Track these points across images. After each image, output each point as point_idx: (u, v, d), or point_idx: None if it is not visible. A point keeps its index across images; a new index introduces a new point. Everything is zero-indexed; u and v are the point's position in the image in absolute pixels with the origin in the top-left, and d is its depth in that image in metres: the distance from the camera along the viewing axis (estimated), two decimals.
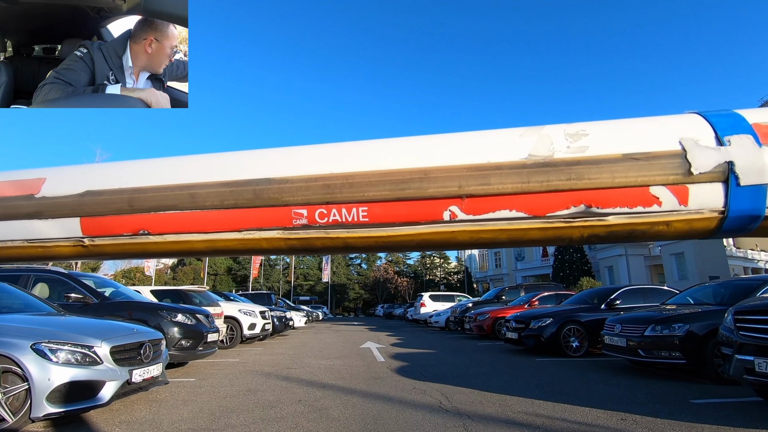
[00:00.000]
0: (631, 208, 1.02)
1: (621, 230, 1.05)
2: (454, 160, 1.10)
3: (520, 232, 1.06)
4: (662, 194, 1.05)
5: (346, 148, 1.15)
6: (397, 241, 1.09)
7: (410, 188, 1.11)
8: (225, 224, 1.21)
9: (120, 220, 1.26)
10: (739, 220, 1.05)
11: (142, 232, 1.19)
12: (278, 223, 1.18)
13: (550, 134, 1.10)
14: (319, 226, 1.14)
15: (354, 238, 1.13)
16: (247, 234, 1.16)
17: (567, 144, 1.06)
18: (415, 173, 1.11)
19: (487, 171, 1.07)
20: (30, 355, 3.41)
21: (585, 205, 1.05)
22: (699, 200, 1.00)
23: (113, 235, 1.23)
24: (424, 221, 1.11)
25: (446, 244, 1.09)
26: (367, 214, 1.12)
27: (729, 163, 0.98)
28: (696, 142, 1.04)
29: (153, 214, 1.25)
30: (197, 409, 4.39)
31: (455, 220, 1.08)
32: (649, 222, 1.04)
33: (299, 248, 1.15)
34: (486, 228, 1.06)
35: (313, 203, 1.14)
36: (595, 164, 1.02)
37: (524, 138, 1.06)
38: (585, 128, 1.06)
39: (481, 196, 1.08)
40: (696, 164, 0.98)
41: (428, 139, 1.19)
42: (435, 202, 1.09)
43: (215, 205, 1.22)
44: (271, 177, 1.17)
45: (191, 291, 10.53)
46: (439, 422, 3.83)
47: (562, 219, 1.05)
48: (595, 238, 1.05)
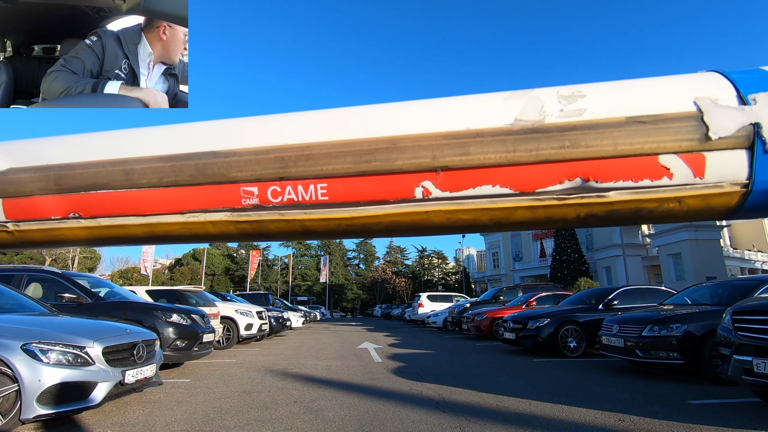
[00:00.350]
0: (636, 182, 0.87)
1: (624, 209, 0.89)
2: (427, 127, 0.95)
3: (505, 211, 0.91)
4: (674, 164, 0.88)
5: (302, 117, 1.01)
6: (362, 223, 0.96)
7: (376, 160, 0.96)
8: (165, 205, 1.07)
9: (47, 201, 1.12)
10: (765, 195, 0.88)
11: (73, 215, 1.06)
12: (226, 203, 1.04)
13: (540, 96, 0.94)
14: (273, 206, 1.00)
15: (312, 221, 0.99)
16: (191, 216, 1.02)
17: (560, 107, 0.91)
18: (381, 143, 0.96)
19: (466, 139, 0.91)
20: (20, 355, 3.36)
21: (581, 178, 0.90)
22: (718, 171, 0.85)
23: (40, 219, 1.09)
24: (392, 200, 0.96)
25: (419, 226, 0.95)
26: (326, 191, 0.98)
27: (755, 126, 0.83)
28: (714, 102, 0.87)
29: (84, 194, 1.11)
30: (191, 410, 4.34)
31: (429, 198, 0.94)
32: (658, 198, 0.87)
33: (250, 233, 1.03)
34: (465, 207, 0.91)
35: (265, 179, 1.00)
36: (593, 129, 0.87)
37: (510, 101, 0.92)
38: (582, 90, 0.92)
39: (459, 168, 0.92)
40: (715, 127, 0.83)
41: (398, 105, 1.04)
42: (405, 177, 0.94)
43: (153, 183, 1.07)
44: (216, 150, 1.02)
45: (187, 291, 10.47)
46: (435, 423, 3.79)
47: (555, 195, 0.90)
48: (594, 218, 0.91)
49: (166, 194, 1.07)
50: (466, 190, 0.95)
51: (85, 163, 1.21)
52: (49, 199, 1.13)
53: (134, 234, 1.11)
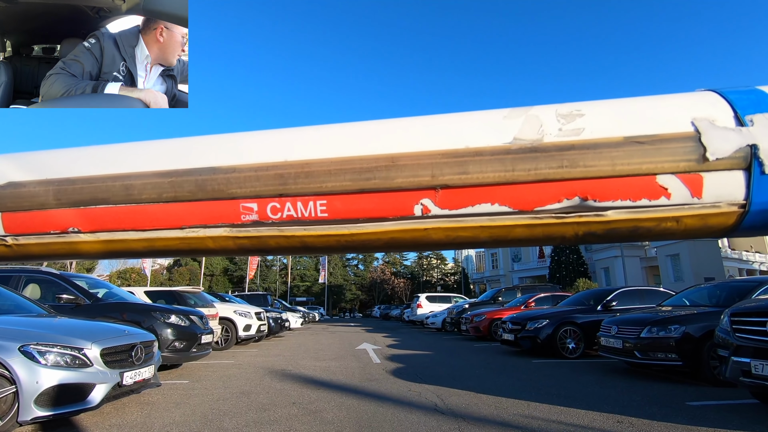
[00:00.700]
0: (634, 201, 0.89)
1: (622, 227, 0.91)
2: (426, 145, 0.96)
3: (504, 229, 0.92)
4: (671, 184, 0.90)
5: (301, 134, 1.03)
6: (362, 240, 0.97)
7: (375, 178, 0.98)
8: (165, 221, 1.08)
9: (46, 216, 1.12)
10: (762, 215, 0.90)
11: (72, 230, 1.06)
12: (225, 219, 1.05)
13: (539, 115, 0.96)
14: (272, 222, 1.01)
15: (312, 237, 1.01)
16: (190, 232, 1.04)
17: (559, 126, 0.92)
18: (381, 160, 0.98)
19: (465, 158, 0.93)
20: (18, 357, 3.35)
21: (580, 197, 0.91)
22: (715, 192, 0.87)
23: (39, 233, 1.10)
24: (392, 217, 0.98)
25: (418, 243, 0.96)
26: (326, 208, 1.00)
27: (752, 147, 0.85)
28: (712, 123, 0.89)
29: (83, 209, 1.11)
30: (189, 411, 4.34)
31: (428, 215, 0.95)
32: (656, 218, 0.90)
33: (250, 248, 1.03)
34: (464, 225, 0.93)
35: (265, 196, 1.01)
36: (592, 149, 0.89)
37: (509, 120, 0.94)
38: (580, 108, 0.93)
39: (458, 187, 0.94)
40: (712, 148, 0.85)
41: (397, 122, 1.06)
42: (404, 195, 0.96)
43: (153, 199, 1.08)
44: (216, 166, 1.04)
45: (186, 292, 10.44)
46: (434, 424, 3.79)
47: (553, 214, 0.92)
48: (592, 236, 0.93)
49: (166, 209, 1.07)
50: (465, 208, 0.96)
51: (84, 178, 1.21)
52: (48, 213, 1.12)
53: (134, 248, 1.11)
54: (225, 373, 6.85)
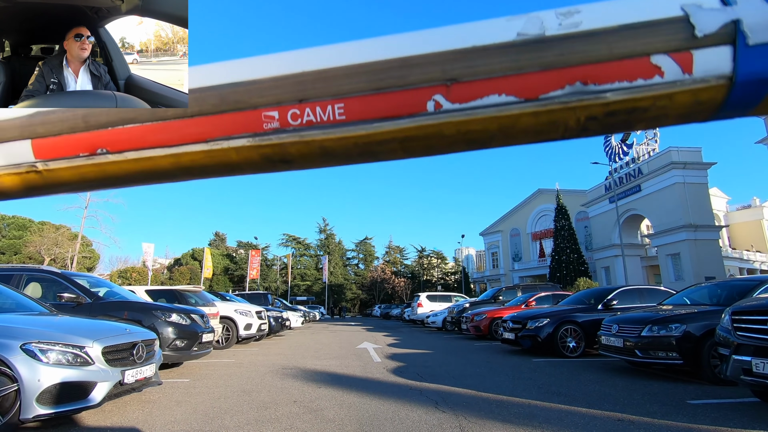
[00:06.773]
0: (630, 82, 0.98)
1: (621, 108, 1.00)
2: (436, 47, 1.07)
3: (511, 118, 1.01)
4: (664, 63, 1.00)
5: (319, 49, 1.11)
6: (378, 140, 1.04)
7: (390, 77, 1.07)
8: (190, 135, 1.14)
9: (75, 139, 1.17)
10: (747, 87, 1.00)
11: (100, 151, 1.10)
12: (248, 128, 1.11)
13: (539, 15, 1.09)
14: (293, 128, 1.07)
15: (331, 140, 1.07)
16: (215, 144, 1.09)
17: (559, 22, 1.04)
18: (394, 62, 1.07)
19: (474, 53, 1.04)
20: (19, 355, 3.35)
21: (581, 82, 1.00)
22: (704, 67, 0.96)
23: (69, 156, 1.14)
24: (406, 114, 1.06)
25: (432, 139, 1.04)
26: (343, 111, 1.07)
27: (736, 22, 0.94)
28: (699, 6, 1.03)
29: (111, 130, 1.16)
30: (191, 410, 4.34)
31: (440, 110, 1.03)
32: (651, 96, 0.99)
33: (272, 157, 1.08)
34: (474, 117, 1.01)
35: (285, 103, 1.07)
36: (590, 36, 1.00)
37: (512, 21, 1.05)
38: (578, 7, 1.07)
39: (468, 80, 1.03)
40: (700, 26, 0.95)
41: (408, 34, 1.17)
42: (417, 92, 1.04)
43: (178, 115, 1.15)
44: (238, 81, 1.12)
45: (186, 291, 10.45)
46: (435, 423, 3.79)
47: (557, 101, 1.01)
48: (594, 122, 1.00)
49: (191, 124, 1.13)
50: (475, 100, 1.06)
51: None
52: (77, 136, 1.17)
53: (161, 166, 1.15)
54: (226, 371, 6.86)
